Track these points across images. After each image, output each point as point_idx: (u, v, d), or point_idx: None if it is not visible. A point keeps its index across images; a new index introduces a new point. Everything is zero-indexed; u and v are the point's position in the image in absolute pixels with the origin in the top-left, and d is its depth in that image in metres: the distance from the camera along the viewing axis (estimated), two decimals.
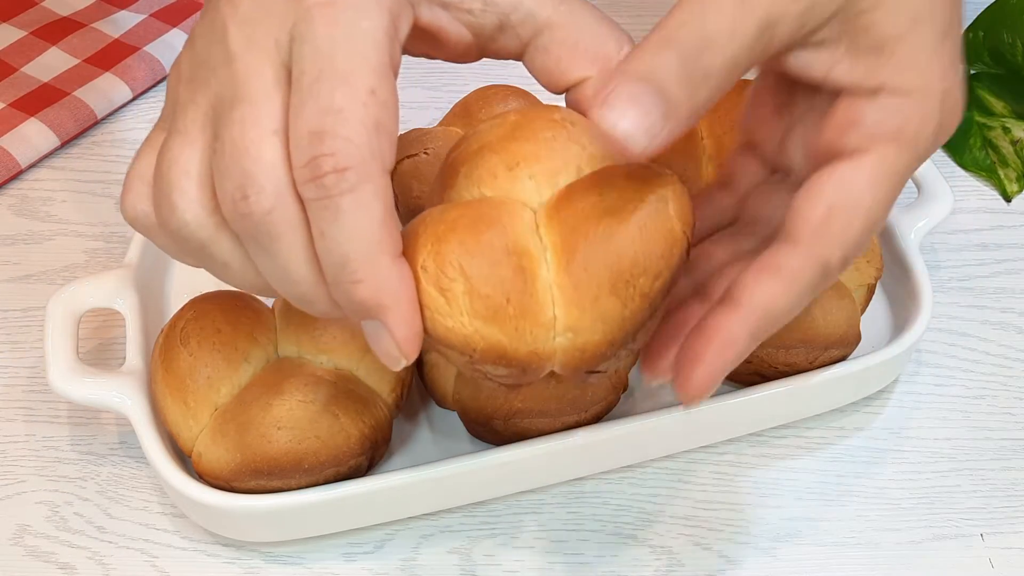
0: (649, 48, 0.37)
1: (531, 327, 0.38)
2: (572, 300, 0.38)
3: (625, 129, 0.36)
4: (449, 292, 0.38)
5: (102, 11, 0.75)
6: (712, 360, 0.39)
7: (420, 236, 0.39)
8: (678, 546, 0.52)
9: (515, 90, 0.60)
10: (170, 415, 0.50)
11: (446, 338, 0.39)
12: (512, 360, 0.39)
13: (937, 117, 0.40)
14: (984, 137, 0.68)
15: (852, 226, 0.39)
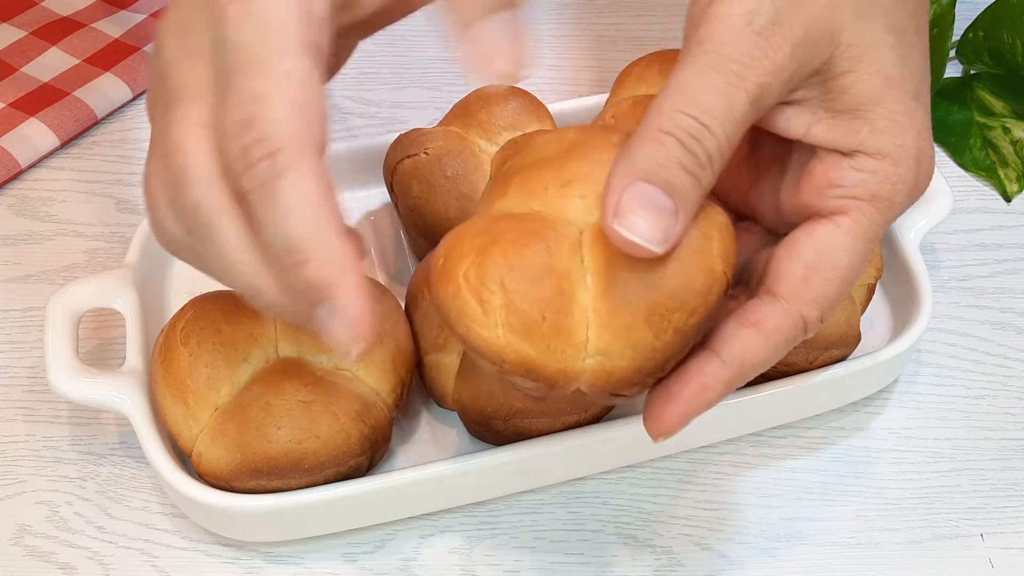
0: (646, 141, 0.38)
1: (563, 346, 0.39)
2: (606, 324, 0.39)
3: (643, 235, 0.37)
4: (487, 304, 0.39)
5: (102, 11, 0.75)
6: (686, 402, 0.41)
7: (465, 244, 0.40)
8: (678, 546, 0.52)
9: (516, 91, 0.60)
10: (170, 415, 0.50)
11: (479, 347, 0.39)
12: (541, 376, 0.39)
13: (912, 179, 0.42)
14: (984, 137, 0.68)
15: (830, 286, 0.41)
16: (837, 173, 0.41)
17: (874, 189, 0.41)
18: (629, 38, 0.74)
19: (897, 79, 0.42)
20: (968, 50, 0.69)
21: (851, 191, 0.41)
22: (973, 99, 0.69)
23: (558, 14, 0.76)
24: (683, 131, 0.38)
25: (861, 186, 0.41)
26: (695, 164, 0.38)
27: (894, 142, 0.41)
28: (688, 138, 0.38)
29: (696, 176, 0.38)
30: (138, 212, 0.64)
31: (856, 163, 0.41)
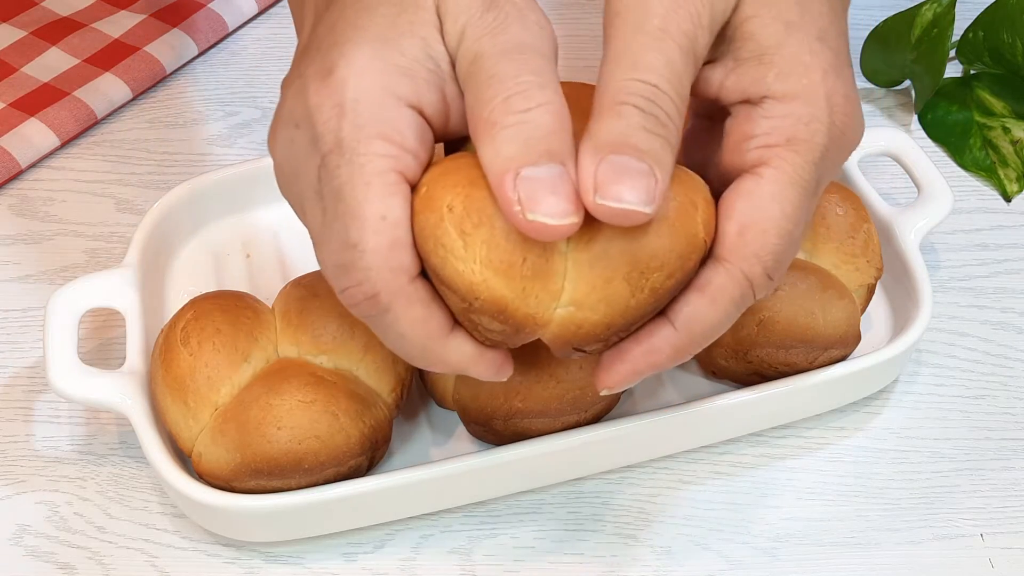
0: (604, 116, 0.38)
1: (538, 292, 0.39)
2: (584, 276, 0.39)
3: (629, 201, 0.37)
4: (469, 237, 0.39)
5: (102, 11, 0.75)
6: (634, 361, 0.42)
7: (454, 175, 0.40)
8: (678, 546, 0.52)
9: None
10: (170, 415, 0.50)
11: (452, 280, 0.39)
12: (511, 318, 0.39)
13: (826, 118, 0.41)
14: (984, 137, 0.68)
15: (767, 239, 0.40)
16: (749, 125, 0.41)
17: (788, 133, 0.41)
18: None
19: (797, 22, 0.42)
20: (968, 50, 0.69)
21: (765, 139, 0.41)
22: (973, 99, 0.69)
23: (558, 14, 0.76)
24: (636, 96, 0.38)
25: (775, 132, 0.41)
26: (657, 124, 0.38)
27: (800, 82, 0.41)
28: (644, 102, 0.38)
29: (661, 136, 0.38)
30: (138, 212, 0.64)
31: (765, 110, 0.41)
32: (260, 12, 0.76)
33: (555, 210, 0.37)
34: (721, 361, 0.54)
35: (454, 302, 0.41)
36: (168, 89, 0.72)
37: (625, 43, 0.39)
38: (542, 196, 0.37)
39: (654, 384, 0.56)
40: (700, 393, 0.55)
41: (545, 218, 0.37)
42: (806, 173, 0.41)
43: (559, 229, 0.37)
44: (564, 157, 0.38)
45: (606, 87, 0.39)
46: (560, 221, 0.37)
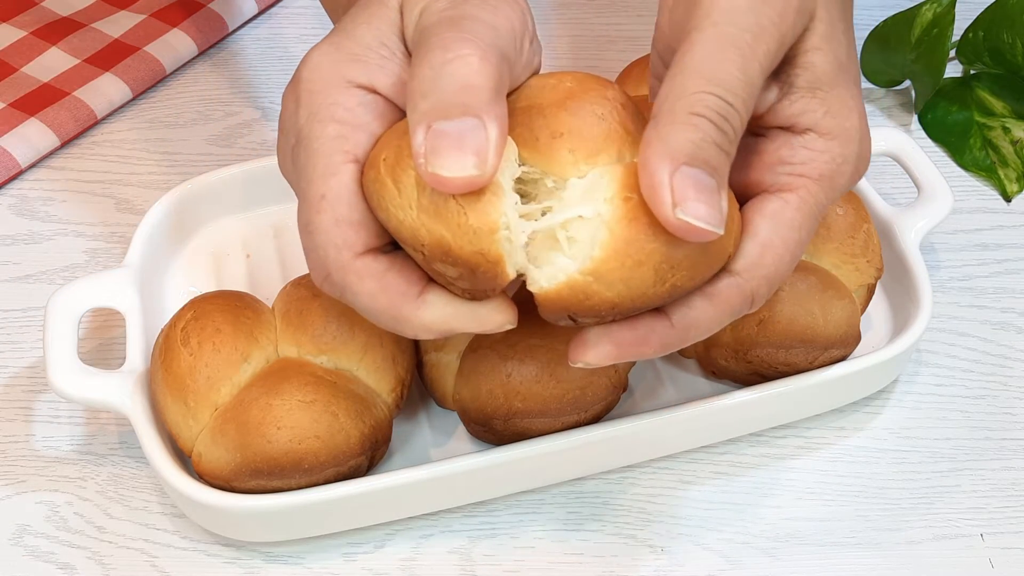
0: (680, 125, 0.38)
1: (474, 225, 0.39)
2: (617, 251, 0.39)
3: (705, 219, 0.38)
4: (401, 183, 0.39)
5: (102, 11, 0.75)
6: (622, 345, 0.41)
7: (392, 131, 0.41)
8: (678, 546, 0.52)
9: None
10: (170, 415, 0.50)
11: (398, 232, 0.40)
12: (457, 258, 0.39)
13: (854, 160, 0.43)
14: (984, 137, 0.68)
15: (781, 263, 0.42)
16: (788, 151, 0.43)
17: (821, 168, 0.43)
18: (629, 38, 0.74)
19: (846, 64, 0.43)
20: (968, 50, 0.69)
21: (800, 169, 0.43)
22: (973, 99, 0.69)
23: (558, 14, 0.76)
24: (712, 111, 0.38)
25: (810, 164, 0.43)
26: (727, 141, 0.39)
27: (843, 124, 0.43)
28: (718, 118, 0.39)
29: (728, 153, 0.39)
30: (138, 212, 0.64)
31: (807, 142, 0.43)
32: (260, 12, 0.76)
33: (455, 164, 0.37)
34: (721, 361, 0.54)
35: (415, 257, 0.41)
36: (168, 89, 0.72)
37: (708, 52, 0.39)
38: (445, 150, 0.38)
39: (654, 384, 0.56)
40: (700, 393, 0.55)
41: (443, 171, 0.37)
42: (822, 205, 0.43)
43: (455, 182, 0.38)
44: (480, 110, 0.38)
45: (682, 92, 0.39)
46: (458, 174, 0.38)
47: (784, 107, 0.43)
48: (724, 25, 0.40)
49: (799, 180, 0.43)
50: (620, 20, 0.76)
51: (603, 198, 0.39)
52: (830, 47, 0.43)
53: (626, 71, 0.61)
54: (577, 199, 0.40)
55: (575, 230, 0.39)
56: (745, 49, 0.39)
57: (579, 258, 0.39)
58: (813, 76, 0.42)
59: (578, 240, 0.39)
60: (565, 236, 0.40)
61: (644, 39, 0.74)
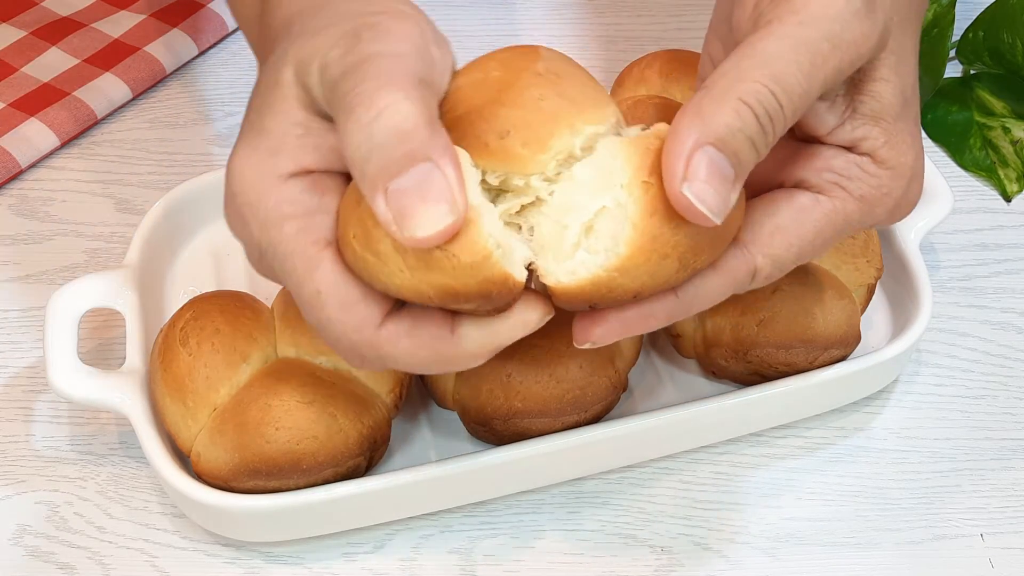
0: (724, 106, 0.38)
1: (468, 262, 0.38)
2: (643, 247, 0.38)
3: (708, 205, 0.37)
4: (380, 254, 0.38)
5: (102, 11, 0.75)
6: (627, 320, 0.41)
7: (345, 201, 0.40)
8: (678, 546, 0.52)
9: None
10: (169, 415, 0.50)
11: (401, 294, 0.39)
12: (467, 295, 0.38)
13: (899, 197, 0.43)
14: (984, 137, 0.68)
15: (790, 250, 0.42)
16: (841, 163, 0.43)
17: (865, 191, 0.43)
18: (629, 38, 0.74)
19: (911, 100, 0.43)
20: (968, 50, 0.69)
21: (846, 183, 0.43)
22: (973, 99, 0.69)
23: (558, 14, 0.76)
24: (762, 106, 0.38)
25: (857, 182, 0.43)
26: (763, 141, 0.38)
27: (900, 159, 0.43)
28: (764, 115, 0.38)
29: (759, 152, 0.39)
30: (138, 212, 0.64)
31: (861, 163, 0.43)
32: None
33: (429, 220, 0.37)
34: (721, 361, 0.54)
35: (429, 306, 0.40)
36: (168, 89, 0.72)
37: (783, 48, 0.39)
38: (412, 209, 0.36)
39: (654, 384, 0.56)
40: (700, 393, 0.55)
41: (420, 232, 0.37)
42: (851, 225, 0.43)
43: (437, 237, 0.37)
44: (428, 151, 0.37)
45: (741, 76, 0.38)
46: (436, 228, 0.37)
47: (846, 131, 0.42)
48: (808, 27, 0.39)
49: (839, 191, 0.43)
50: (620, 20, 0.76)
51: (619, 183, 0.38)
52: (898, 79, 0.42)
53: (626, 71, 0.61)
54: (588, 182, 0.39)
55: (594, 220, 0.39)
56: (818, 58, 0.39)
57: (602, 254, 0.39)
58: (879, 106, 0.42)
59: (598, 232, 0.39)
60: (581, 225, 0.39)
61: (644, 39, 0.74)
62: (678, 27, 0.75)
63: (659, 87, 0.59)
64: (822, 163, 0.43)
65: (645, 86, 0.59)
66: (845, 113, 0.42)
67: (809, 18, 0.39)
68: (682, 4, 0.76)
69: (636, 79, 0.60)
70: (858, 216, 0.43)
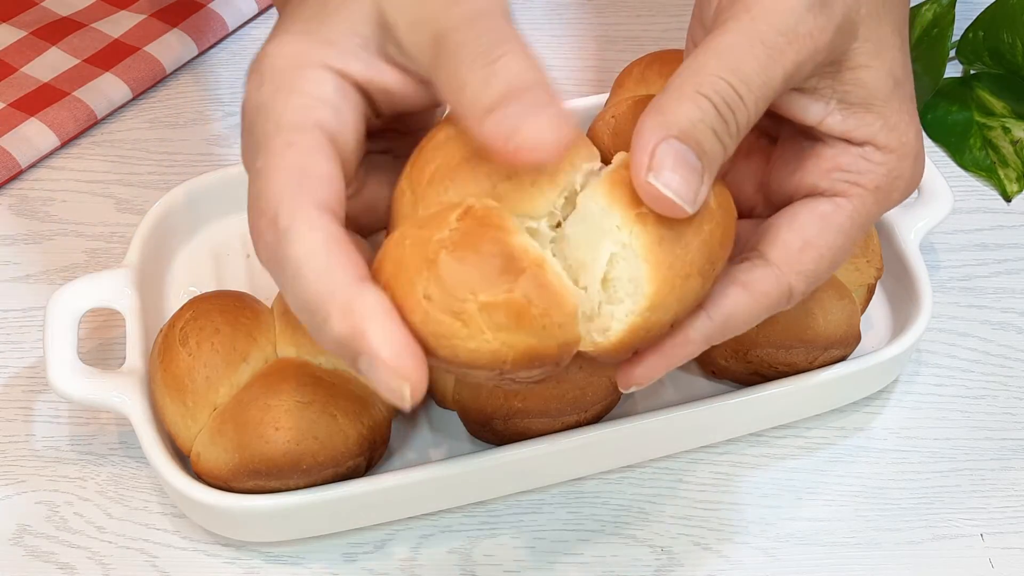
0: (683, 99, 0.38)
1: (558, 320, 0.37)
2: (664, 279, 0.38)
3: (677, 192, 0.37)
4: (464, 314, 0.36)
5: (102, 11, 0.75)
6: (668, 353, 0.41)
7: (408, 259, 0.37)
8: (678, 546, 0.52)
9: None
10: (168, 415, 0.50)
11: (472, 361, 0.37)
12: (545, 358, 0.37)
13: (909, 175, 0.44)
14: (984, 137, 0.68)
15: (822, 262, 0.43)
16: (847, 159, 0.43)
17: (878, 180, 0.43)
18: (629, 38, 0.74)
19: (902, 80, 0.43)
20: (968, 50, 0.69)
21: (858, 178, 0.43)
22: (973, 99, 0.69)
23: (558, 14, 0.76)
24: (720, 97, 0.38)
25: (868, 175, 0.43)
26: (725, 132, 0.39)
27: (901, 139, 0.43)
28: (723, 105, 0.38)
29: (724, 144, 0.39)
30: (138, 212, 0.64)
31: (866, 153, 0.43)
32: (260, 12, 0.76)
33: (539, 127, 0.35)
34: (721, 361, 0.54)
35: (481, 376, 0.38)
36: (168, 89, 0.72)
37: (739, 43, 0.39)
38: (522, 120, 0.35)
39: (654, 384, 0.56)
40: (700, 393, 0.55)
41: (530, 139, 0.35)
42: (873, 217, 0.44)
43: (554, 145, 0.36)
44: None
45: (698, 71, 0.38)
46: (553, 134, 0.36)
47: (839, 122, 0.43)
48: (760, 22, 0.39)
49: (855, 189, 0.43)
50: (620, 20, 0.76)
51: (614, 225, 0.38)
52: (881, 63, 0.43)
53: (626, 71, 0.61)
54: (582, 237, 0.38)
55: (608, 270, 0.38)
56: (774, 51, 0.39)
57: (628, 300, 0.38)
58: (866, 92, 0.43)
59: (615, 281, 0.38)
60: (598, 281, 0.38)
61: (644, 39, 0.74)
62: (678, 27, 0.75)
63: (659, 87, 0.59)
64: (830, 163, 0.43)
65: (645, 86, 0.59)
66: (831, 103, 0.43)
67: (761, 13, 0.40)
68: (682, 4, 0.76)
69: (636, 79, 0.60)
70: (877, 207, 0.43)
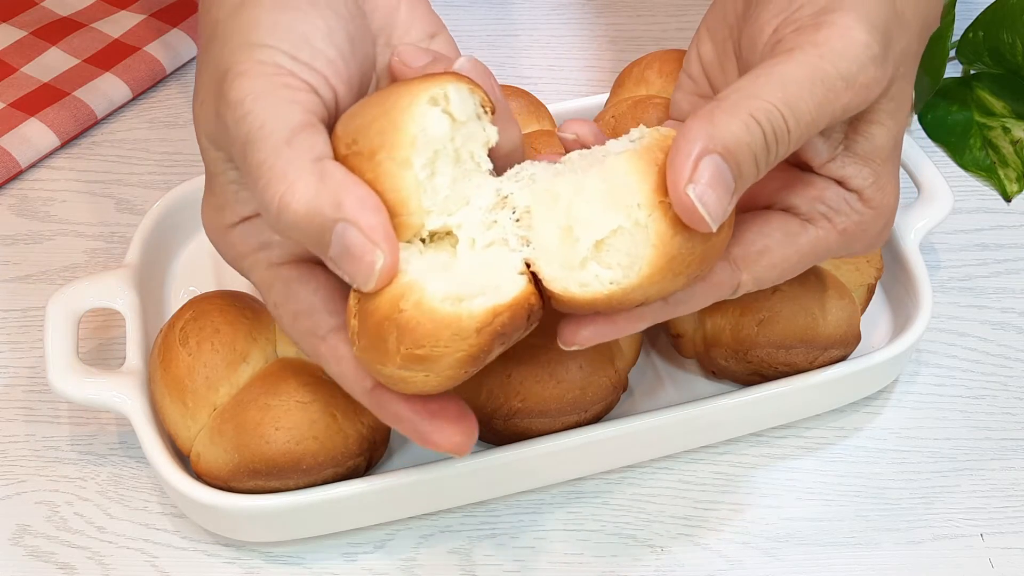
0: (735, 118, 0.39)
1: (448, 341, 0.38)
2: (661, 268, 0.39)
3: (709, 208, 0.38)
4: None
5: (102, 11, 0.75)
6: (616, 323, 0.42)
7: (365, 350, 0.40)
8: (678, 546, 0.52)
9: (516, 91, 0.60)
10: (168, 415, 0.50)
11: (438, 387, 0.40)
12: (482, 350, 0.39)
13: (874, 234, 0.46)
14: (984, 137, 0.68)
15: (772, 270, 0.44)
16: (832, 195, 0.45)
17: (848, 225, 0.45)
18: (629, 38, 0.74)
19: (900, 144, 0.45)
20: (968, 50, 0.69)
21: (833, 216, 0.45)
22: (973, 99, 0.69)
23: (558, 14, 0.76)
24: (771, 126, 0.39)
25: (843, 217, 0.45)
26: (764, 160, 0.40)
27: (883, 200, 0.45)
28: (772, 134, 0.39)
29: (759, 170, 0.40)
30: (138, 212, 0.64)
31: (849, 199, 0.45)
32: None
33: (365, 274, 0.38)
34: (721, 361, 0.54)
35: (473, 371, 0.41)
36: (168, 89, 0.72)
37: (800, 75, 0.40)
38: (354, 269, 0.38)
39: (654, 384, 0.56)
40: (700, 393, 0.55)
41: (367, 286, 0.39)
42: (828, 254, 0.46)
43: (381, 283, 0.38)
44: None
45: (756, 94, 0.39)
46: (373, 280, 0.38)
47: (838, 166, 0.44)
48: (827, 62, 0.40)
49: (825, 223, 0.45)
50: (620, 20, 0.76)
51: (635, 202, 0.39)
52: (894, 123, 0.44)
53: (626, 71, 0.61)
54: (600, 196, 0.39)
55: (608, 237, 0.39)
56: (831, 93, 0.40)
57: (619, 270, 0.39)
58: (871, 147, 0.44)
59: (613, 249, 0.39)
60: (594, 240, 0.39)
61: (644, 39, 0.74)
62: (678, 27, 0.75)
63: (659, 87, 0.59)
64: (815, 192, 0.45)
65: (645, 86, 0.59)
66: (838, 148, 0.44)
67: (829, 53, 0.40)
68: (682, 4, 0.76)
69: (636, 79, 0.60)
70: (837, 247, 0.45)
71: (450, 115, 0.40)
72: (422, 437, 0.42)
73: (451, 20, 0.75)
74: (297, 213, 0.38)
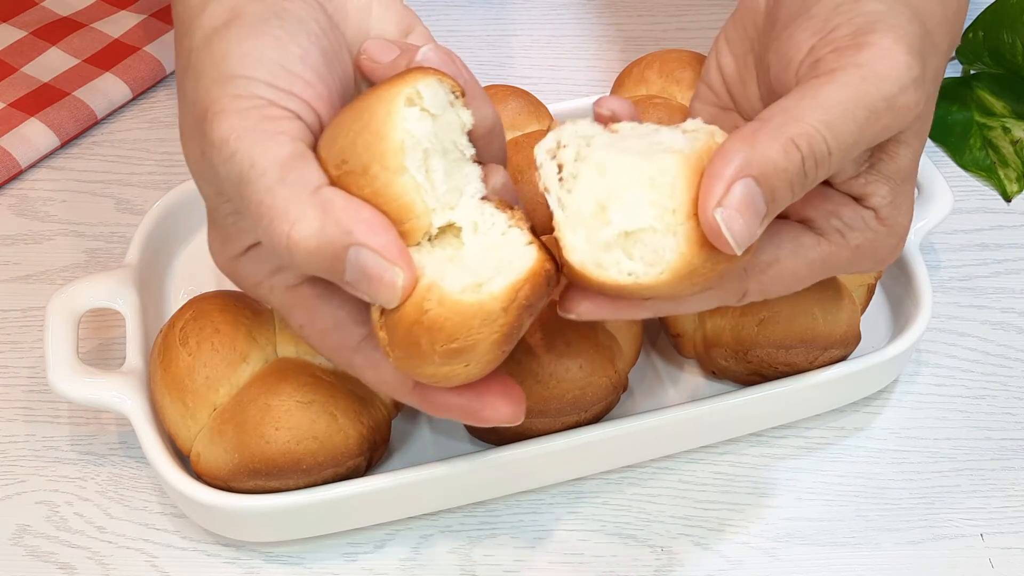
0: (775, 142, 0.39)
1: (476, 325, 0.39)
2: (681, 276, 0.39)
3: (736, 235, 0.38)
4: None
5: (102, 11, 0.75)
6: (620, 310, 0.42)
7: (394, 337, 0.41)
8: (678, 546, 0.52)
9: (516, 91, 0.60)
10: (168, 415, 0.50)
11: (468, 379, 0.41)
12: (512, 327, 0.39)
13: (885, 253, 0.46)
14: (984, 137, 0.68)
15: (779, 283, 0.44)
16: (848, 211, 0.44)
17: (861, 242, 0.44)
18: (629, 38, 0.74)
19: (918, 164, 0.45)
20: (968, 50, 0.69)
21: (847, 231, 0.44)
22: (973, 99, 0.69)
23: (558, 14, 0.76)
24: (811, 151, 0.39)
25: (856, 233, 0.44)
26: (801, 185, 0.40)
27: (898, 220, 0.45)
28: (811, 159, 0.39)
29: (794, 195, 0.40)
30: (138, 212, 0.64)
31: (865, 216, 0.44)
32: None
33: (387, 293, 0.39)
34: (721, 361, 0.54)
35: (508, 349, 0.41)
36: (168, 89, 0.72)
37: (843, 98, 0.40)
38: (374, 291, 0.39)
39: (654, 384, 0.56)
40: (700, 393, 0.55)
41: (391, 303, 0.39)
42: (838, 269, 0.45)
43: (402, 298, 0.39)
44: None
45: (799, 117, 0.39)
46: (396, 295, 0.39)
47: (861, 184, 0.44)
48: (870, 84, 0.40)
49: (839, 238, 0.44)
50: (620, 20, 0.76)
51: (672, 207, 0.39)
52: (919, 145, 0.44)
53: (626, 71, 0.61)
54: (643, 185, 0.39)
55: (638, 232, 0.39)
56: (872, 116, 0.40)
57: (639, 264, 0.39)
58: (895, 167, 0.44)
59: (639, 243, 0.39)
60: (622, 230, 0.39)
61: (644, 39, 0.74)
62: (678, 27, 0.75)
63: (659, 87, 0.59)
64: (832, 207, 0.44)
65: (645, 86, 0.59)
66: (863, 166, 0.44)
67: (872, 75, 0.40)
68: (682, 4, 0.76)
69: (636, 79, 0.60)
70: (847, 263, 0.45)
71: (428, 112, 0.40)
72: (475, 416, 0.42)
73: (450, 20, 0.75)
74: (308, 248, 0.39)
